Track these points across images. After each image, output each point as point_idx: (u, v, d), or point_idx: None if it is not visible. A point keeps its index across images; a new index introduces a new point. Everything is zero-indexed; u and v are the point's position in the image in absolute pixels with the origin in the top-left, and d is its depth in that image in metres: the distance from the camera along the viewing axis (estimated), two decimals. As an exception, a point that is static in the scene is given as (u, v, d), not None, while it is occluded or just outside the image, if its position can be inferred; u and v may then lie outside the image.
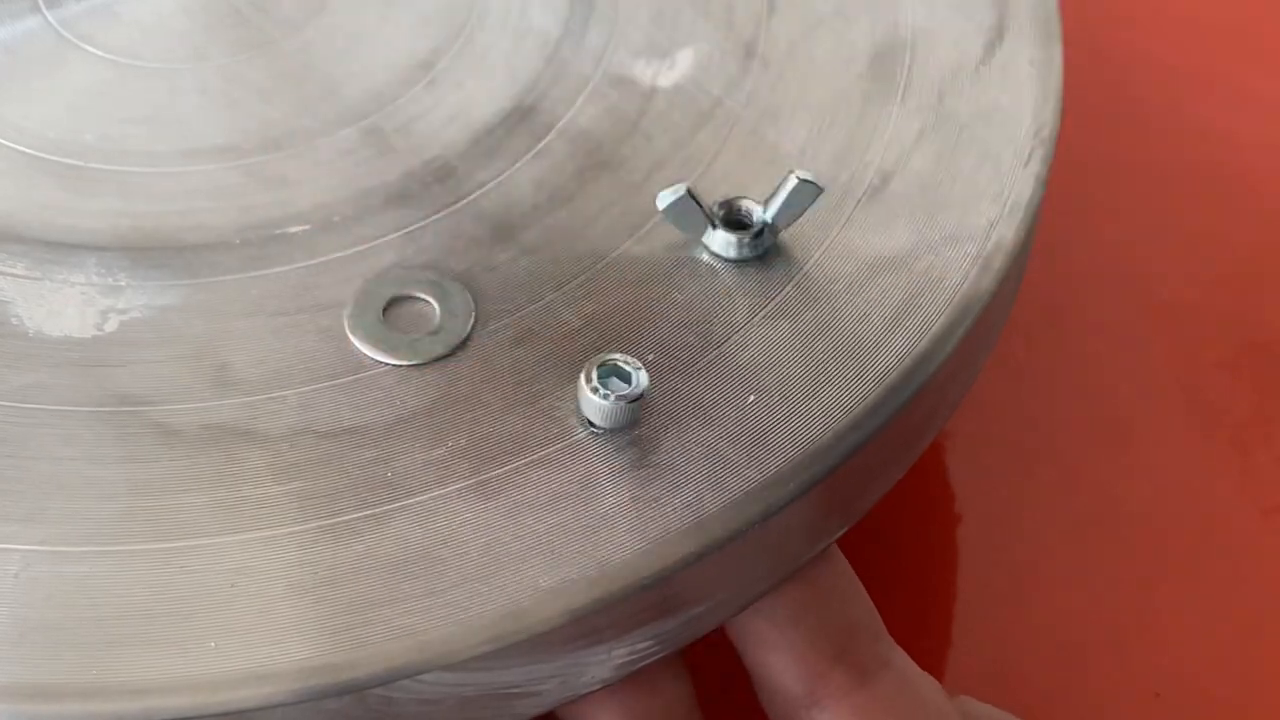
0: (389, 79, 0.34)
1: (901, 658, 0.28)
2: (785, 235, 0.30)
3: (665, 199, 0.29)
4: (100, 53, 0.35)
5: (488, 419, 0.27)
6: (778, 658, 0.27)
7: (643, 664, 0.26)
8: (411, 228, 0.30)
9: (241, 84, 0.34)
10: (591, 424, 0.26)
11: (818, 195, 0.29)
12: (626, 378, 0.26)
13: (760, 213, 0.29)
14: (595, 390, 0.26)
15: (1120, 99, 0.49)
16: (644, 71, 0.34)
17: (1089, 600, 0.37)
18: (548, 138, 0.32)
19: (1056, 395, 0.41)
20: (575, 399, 0.27)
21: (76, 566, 0.24)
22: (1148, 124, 0.49)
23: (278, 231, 0.30)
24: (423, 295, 0.29)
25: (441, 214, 0.31)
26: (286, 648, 0.23)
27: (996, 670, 0.33)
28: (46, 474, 0.26)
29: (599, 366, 0.26)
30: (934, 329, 0.28)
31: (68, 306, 0.29)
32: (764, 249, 0.30)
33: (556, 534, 0.25)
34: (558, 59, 0.34)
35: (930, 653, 0.36)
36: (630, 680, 0.26)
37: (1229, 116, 0.48)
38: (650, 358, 0.28)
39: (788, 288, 0.29)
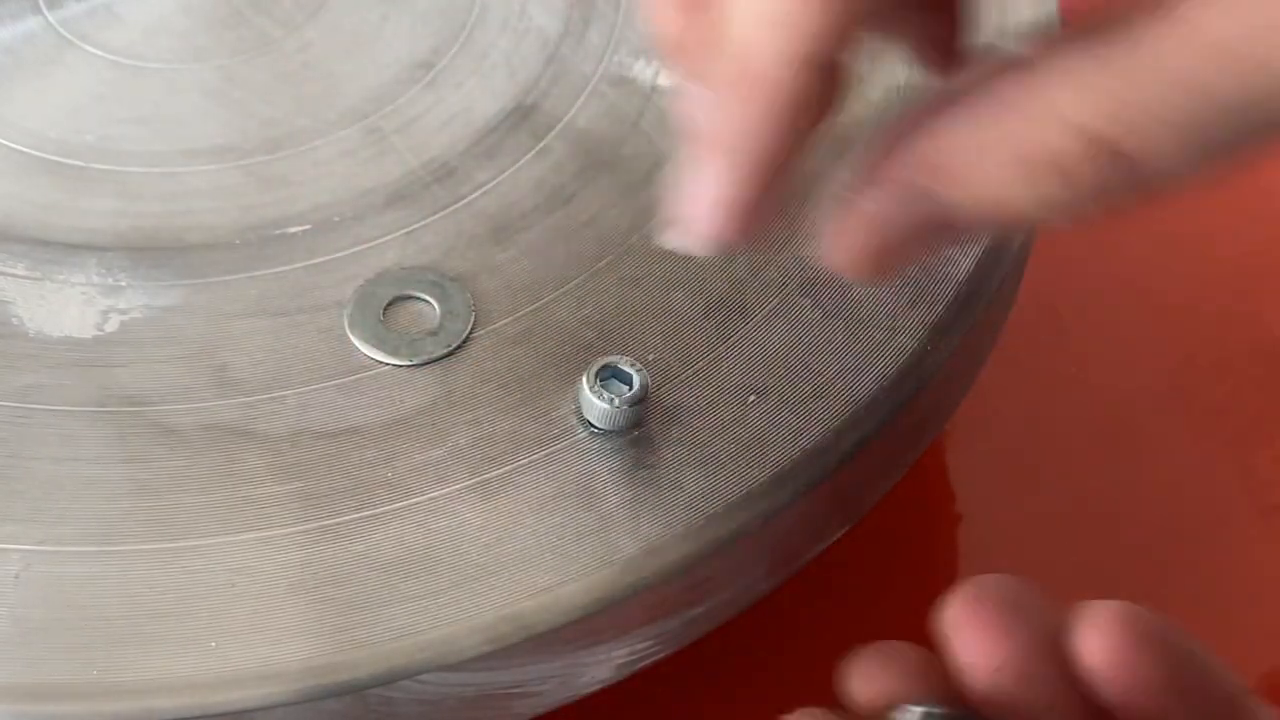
0: (389, 79, 0.34)
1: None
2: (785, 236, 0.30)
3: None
4: (101, 53, 0.35)
5: (487, 419, 0.27)
6: None
7: (642, 664, 0.26)
8: (411, 228, 0.30)
9: (241, 84, 0.34)
10: (592, 425, 0.26)
11: None
12: (628, 380, 0.26)
13: None
14: (597, 393, 0.26)
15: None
16: (644, 71, 0.34)
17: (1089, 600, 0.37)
18: (548, 138, 0.32)
19: (1056, 395, 0.41)
20: (575, 399, 0.27)
21: (77, 567, 0.24)
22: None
23: (278, 232, 0.30)
24: (422, 295, 0.29)
25: (441, 214, 0.31)
26: (287, 648, 0.23)
27: (996, 670, 0.33)
28: (47, 474, 0.26)
29: (600, 369, 0.26)
30: (934, 328, 0.28)
31: (68, 307, 0.29)
32: None
33: (556, 534, 0.25)
34: (558, 59, 0.34)
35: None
36: None
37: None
38: (650, 358, 0.28)
39: (788, 288, 0.29)
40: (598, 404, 0.26)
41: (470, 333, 0.28)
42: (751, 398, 0.27)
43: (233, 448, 0.26)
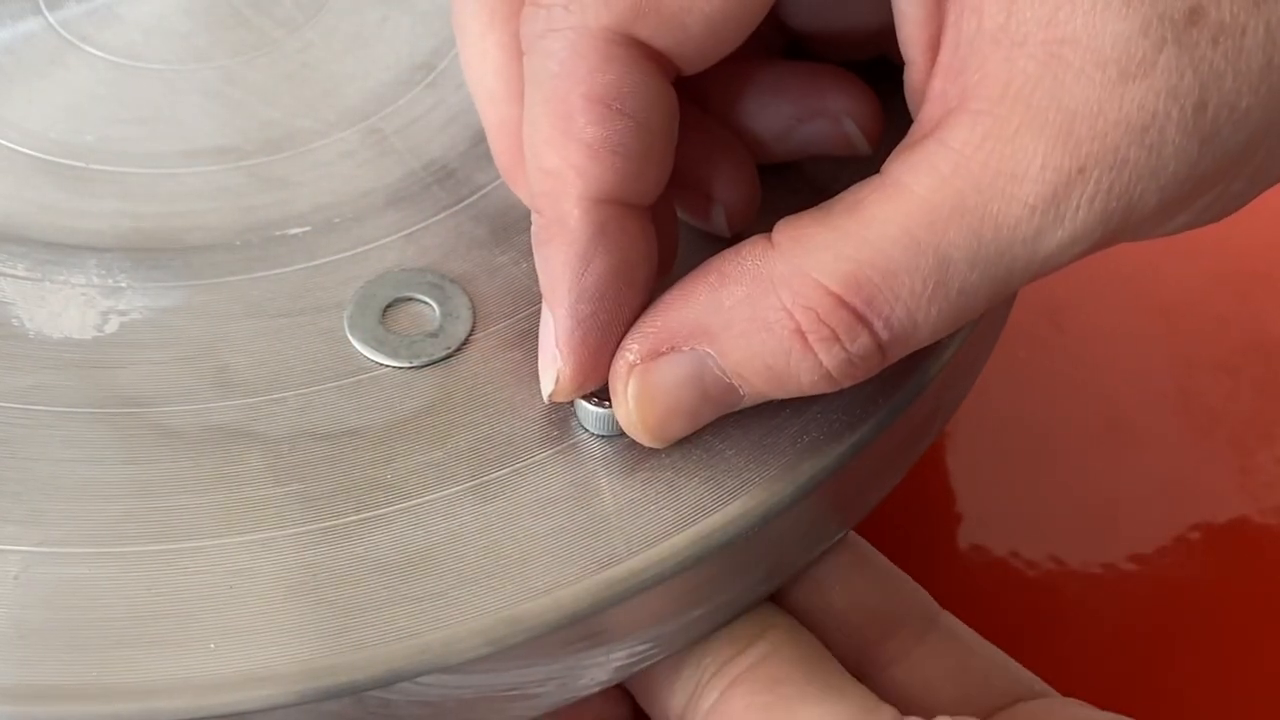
0: (389, 80, 0.34)
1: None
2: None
3: None
4: (101, 54, 0.35)
5: (487, 421, 0.27)
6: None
7: (641, 666, 0.26)
8: (411, 229, 0.30)
9: (242, 85, 0.34)
10: (588, 430, 0.26)
11: None
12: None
13: None
14: (591, 399, 0.26)
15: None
16: (644, 72, 0.34)
17: (1089, 601, 0.37)
18: (548, 139, 0.32)
19: (1056, 396, 0.42)
20: (572, 403, 0.27)
21: (77, 568, 0.24)
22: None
23: (278, 233, 0.30)
24: (422, 297, 0.29)
25: (441, 216, 0.31)
26: (286, 649, 0.23)
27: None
28: (47, 475, 0.26)
29: None
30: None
31: (68, 308, 0.29)
32: None
33: (555, 536, 0.25)
34: (558, 60, 0.34)
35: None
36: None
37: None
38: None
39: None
40: (594, 410, 0.26)
41: (470, 335, 0.28)
42: (751, 399, 0.27)
43: (233, 449, 0.26)
